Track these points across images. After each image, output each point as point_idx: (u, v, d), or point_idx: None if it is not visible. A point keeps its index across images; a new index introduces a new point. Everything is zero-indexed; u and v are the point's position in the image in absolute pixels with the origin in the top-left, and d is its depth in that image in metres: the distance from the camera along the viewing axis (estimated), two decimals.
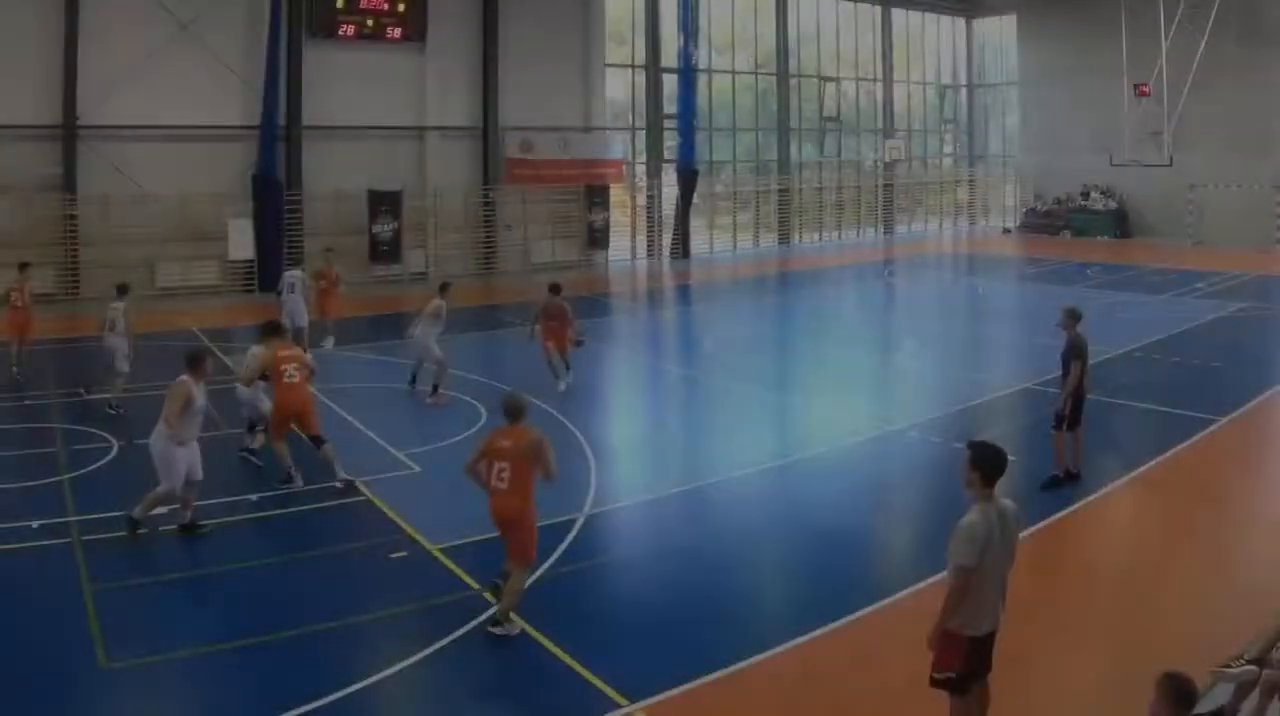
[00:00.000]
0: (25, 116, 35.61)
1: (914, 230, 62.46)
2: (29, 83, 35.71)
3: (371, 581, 13.15)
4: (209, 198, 38.72)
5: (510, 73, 45.28)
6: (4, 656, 10.93)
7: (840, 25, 59.26)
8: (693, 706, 10.05)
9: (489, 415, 20.14)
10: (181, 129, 38.07)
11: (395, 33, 42.63)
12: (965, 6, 63.97)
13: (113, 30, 36.71)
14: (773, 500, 16.13)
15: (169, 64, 37.63)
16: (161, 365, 20.46)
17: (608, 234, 48.91)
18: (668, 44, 50.79)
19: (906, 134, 62.59)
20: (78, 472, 16.96)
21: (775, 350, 29.55)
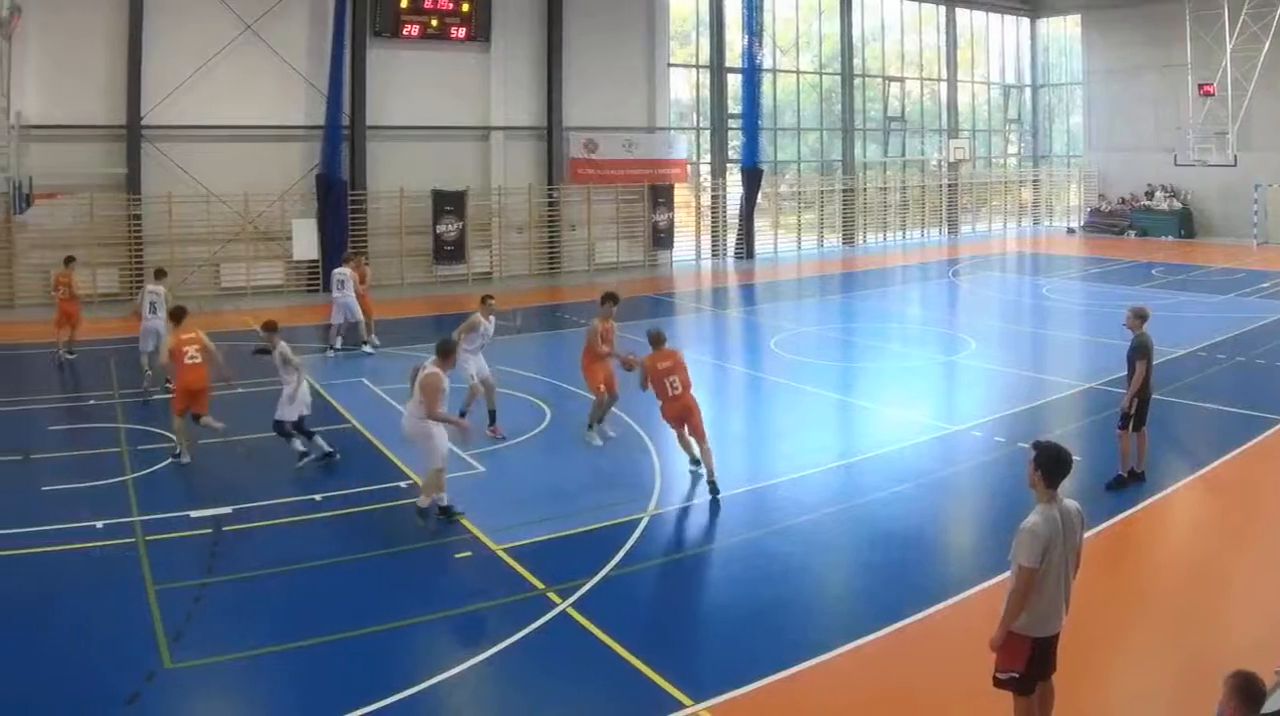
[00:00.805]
0: (90, 117, 34.60)
1: (978, 230, 60.23)
2: (94, 83, 34.78)
3: (436, 582, 12.92)
4: (273, 198, 37.65)
5: (574, 73, 43.86)
6: (72, 656, 10.72)
7: (904, 25, 57.32)
8: (757, 706, 9.82)
9: (553, 414, 19.97)
10: (245, 129, 36.98)
11: (460, 32, 41.25)
12: (1029, 6, 61.59)
13: (177, 31, 35.72)
14: (836, 500, 15.58)
15: (233, 64, 36.62)
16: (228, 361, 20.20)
17: (672, 234, 47.36)
18: (732, 44, 49.27)
19: (971, 134, 60.31)
20: (141, 473, 16.59)
21: (839, 350, 28.46)
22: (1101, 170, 59.26)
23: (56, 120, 33.38)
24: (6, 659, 10.68)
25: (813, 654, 10.62)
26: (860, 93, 55.34)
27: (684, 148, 48.15)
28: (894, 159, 58.11)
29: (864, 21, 54.91)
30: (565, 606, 11.66)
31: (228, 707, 10.38)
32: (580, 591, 12.11)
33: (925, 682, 10.28)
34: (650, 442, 18.37)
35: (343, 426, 19.67)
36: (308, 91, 38.20)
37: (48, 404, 21.61)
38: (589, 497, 15.47)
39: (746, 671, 10.21)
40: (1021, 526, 8.19)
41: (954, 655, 10.59)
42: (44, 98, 33.33)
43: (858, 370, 25.58)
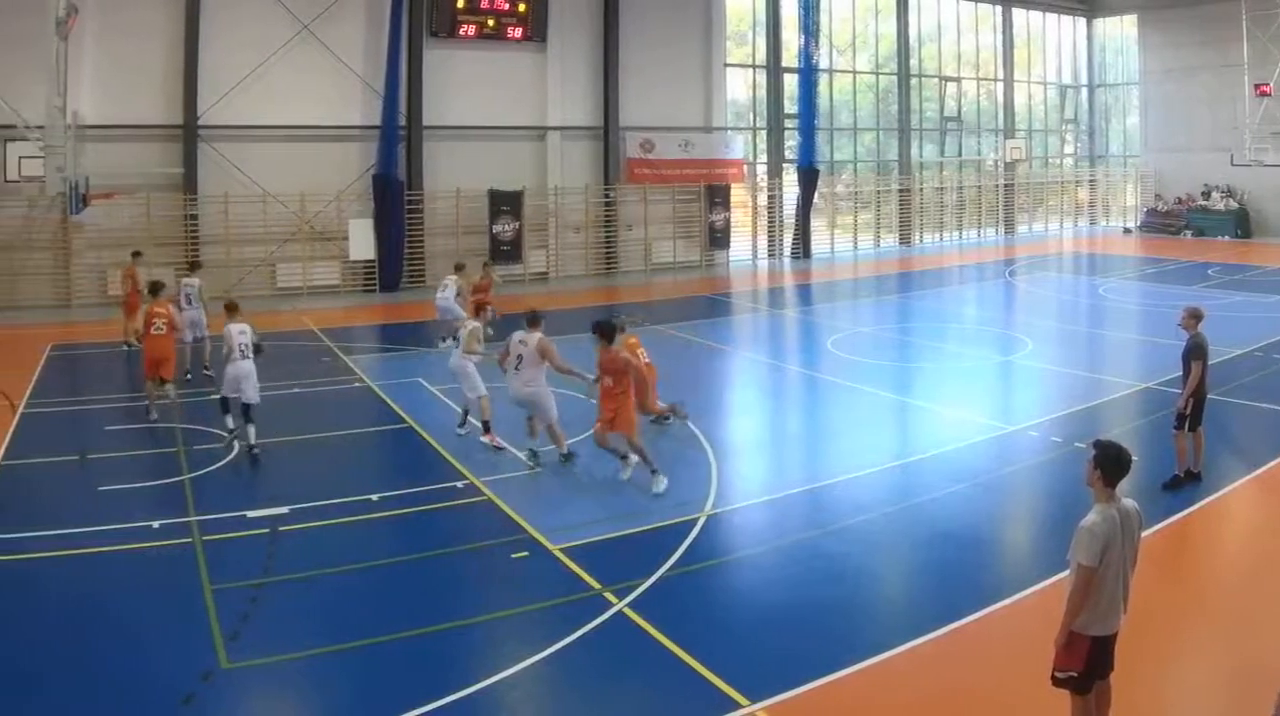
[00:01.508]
0: (146, 117, 33.59)
1: (1035, 230, 58.34)
2: (150, 83, 33.78)
3: (493, 581, 12.58)
4: (329, 198, 36.43)
5: (631, 73, 42.33)
6: (128, 657, 10.45)
7: (961, 25, 55.30)
8: (813, 707, 9.50)
9: None
10: (301, 129, 35.84)
11: (516, 32, 39.90)
12: (1085, 6, 59.46)
13: (233, 31, 34.66)
14: (893, 500, 15.02)
15: (289, 64, 35.52)
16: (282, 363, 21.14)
17: (728, 234, 45.72)
18: (789, 44, 47.59)
19: (1027, 134, 58.38)
20: (198, 473, 16.22)
21: (896, 350, 27.32)
22: (1158, 170, 57.41)
23: (113, 120, 32.24)
24: (64, 659, 10.37)
25: (869, 654, 10.30)
26: (917, 93, 53.59)
27: (740, 148, 46.48)
28: (950, 159, 56.23)
29: (920, 21, 53.22)
30: (622, 606, 11.35)
31: (284, 708, 10.10)
32: (637, 591, 11.75)
33: (983, 682, 9.99)
34: (707, 443, 17.74)
35: (399, 426, 19.10)
36: (364, 91, 36.98)
37: (105, 403, 20.87)
38: (646, 498, 14.95)
39: (803, 672, 9.90)
40: (1081, 525, 7.98)
41: (1011, 655, 10.33)
42: (100, 98, 32.23)
43: (914, 370, 24.68)
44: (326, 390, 21.74)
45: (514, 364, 15.98)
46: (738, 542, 13.71)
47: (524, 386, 15.91)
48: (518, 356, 15.91)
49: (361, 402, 21.15)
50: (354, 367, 24.17)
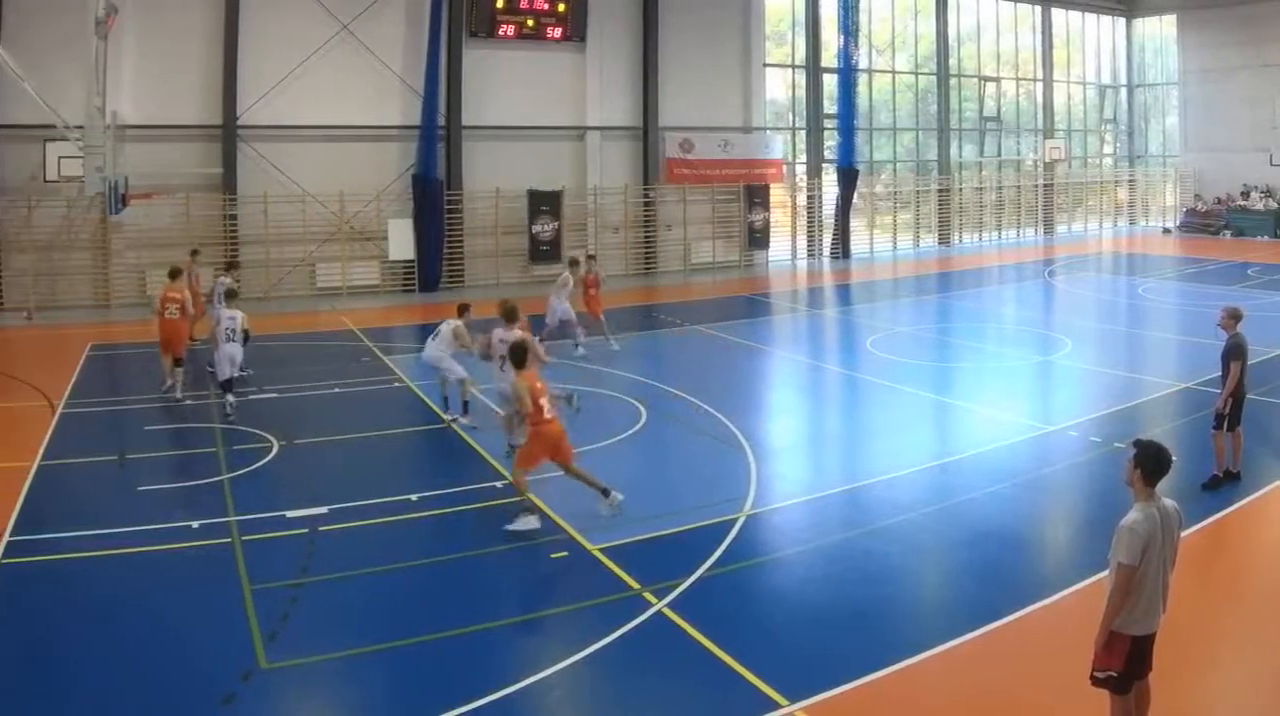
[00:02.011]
0: (186, 117, 32.74)
1: (1074, 230, 56.81)
2: (190, 83, 32.92)
3: (532, 581, 12.50)
4: (368, 198, 35.47)
5: (670, 73, 41.12)
6: (168, 657, 10.24)
7: (1000, 25, 53.66)
8: (853, 707, 9.32)
9: (649, 415, 19.11)
10: (341, 129, 34.92)
11: (555, 32, 38.80)
12: (1124, 6, 57.68)
13: (273, 31, 33.76)
14: (932, 500, 14.66)
15: (329, 64, 34.57)
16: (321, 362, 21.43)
17: (768, 234, 44.45)
18: (828, 44, 46.36)
19: (1066, 134, 56.57)
20: (237, 472, 15.93)
21: (935, 350, 26.60)
22: (1197, 170, 55.78)
23: (152, 120, 31.43)
24: (105, 659, 10.15)
25: (909, 654, 10.07)
26: (956, 92, 51.99)
27: (780, 148, 45.23)
28: (989, 159, 54.59)
29: (960, 21, 51.55)
30: (661, 606, 11.13)
31: (323, 708, 9.91)
32: (676, 591, 11.50)
33: (1022, 682, 9.77)
34: (746, 443, 17.30)
35: (438, 426, 18.65)
36: (404, 91, 35.96)
37: (144, 403, 20.32)
38: (685, 498, 14.75)
39: (842, 671, 9.70)
40: (1121, 524, 7.81)
41: (1051, 654, 10.07)
42: (140, 97, 31.38)
43: (954, 370, 24.07)
44: (366, 390, 21.29)
45: (499, 363, 15.61)
46: (777, 542, 13.40)
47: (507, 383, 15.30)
48: (501, 356, 15.45)
49: (401, 402, 20.75)
50: (393, 367, 23.68)
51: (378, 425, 18.30)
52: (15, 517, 13.85)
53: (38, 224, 31.35)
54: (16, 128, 29.86)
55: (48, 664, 10.08)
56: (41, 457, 16.68)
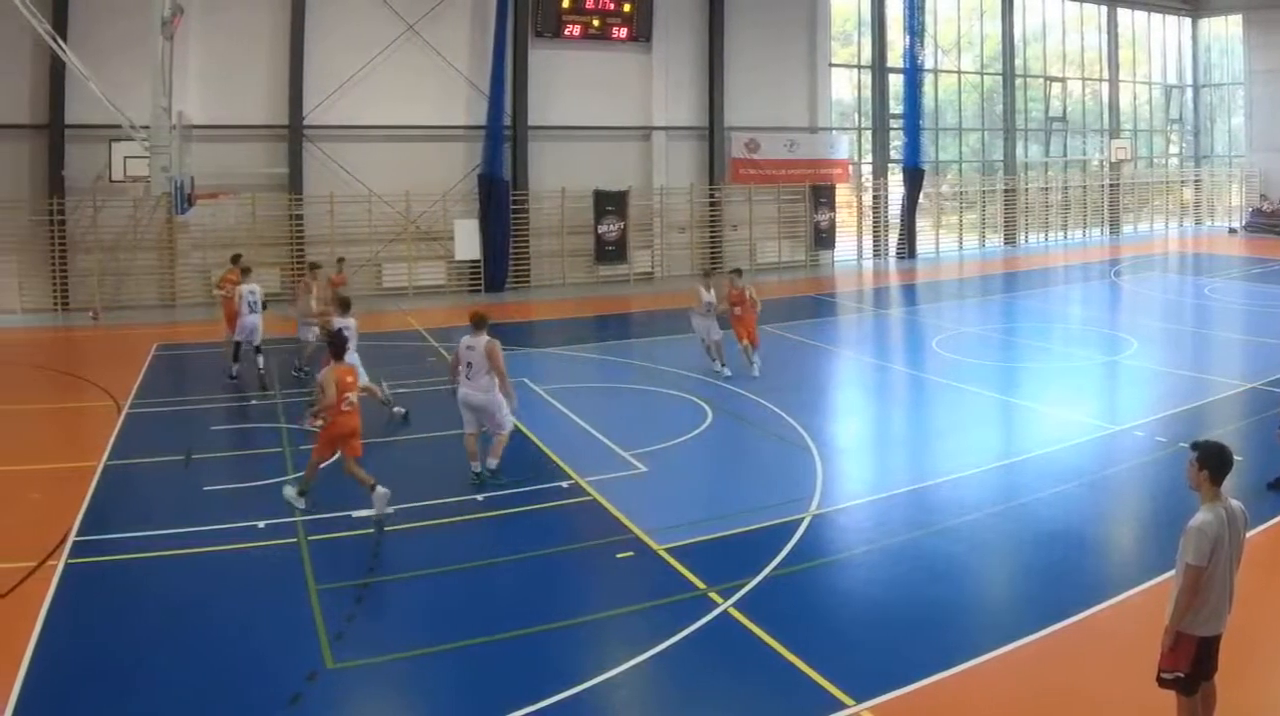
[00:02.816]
0: (252, 117, 31.21)
1: (1140, 230, 54.10)
2: (256, 83, 31.42)
3: (598, 582, 11.82)
4: (434, 198, 33.75)
5: (736, 73, 39.02)
6: (234, 657, 9.79)
7: (1066, 25, 51.00)
8: (919, 707, 8.80)
9: (714, 415, 18.21)
10: (406, 129, 33.23)
11: (621, 32, 36.90)
12: (1190, 6, 54.63)
13: (338, 31, 32.19)
14: (998, 500, 14.04)
15: (394, 64, 32.93)
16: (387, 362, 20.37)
17: (834, 234, 42.28)
18: (894, 44, 44.05)
19: (1132, 134, 53.77)
20: (302, 472, 14.37)
21: (1001, 350, 25.30)
22: (1263, 170, 52.84)
23: (218, 120, 29.95)
24: (171, 659, 9.72)
25: (975, 654, 9.65)
26: (1022, 93, 49.32)
27: (845, 148, 42.90)
28: (1055, 159, 51.85)
29: (1025, 21, 48.92)
30: (727, 606, 10.65)
31: (389, 708, 9.48)
32: (742, 591, 10.97)
33: (1088, 682, 9.26)
34: (812, 443, 16.52)
35: None
36: (469, 91, 34.19)
37: (209, 403, 19.46)
38: (750, 498, 14.05)
39: (908, 671, 9.26)
40: (1189, 525, 7.44)
41: (1117, 655, 9.64)
42: (206, 97, 29.93)
43: (1019, 370, 22.92)
44: (431, 390, 20.31)
45: (464, 371, 14.40)
46: (843, 542, 12.80)
47: (480, 392, 14.36)
48: (467, 363, 14.35)
49: None
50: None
51: (443, 425, 17.13)
52: (81, 518, 13.23)
53: (104, 224, 30.01)
54: (83, 128, 28.47)
55: (114, 664, 9.65)
56: (107, 457, 15.93)
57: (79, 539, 12.55)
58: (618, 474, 15.00)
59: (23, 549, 12.10)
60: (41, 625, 10.27)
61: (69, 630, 10.28)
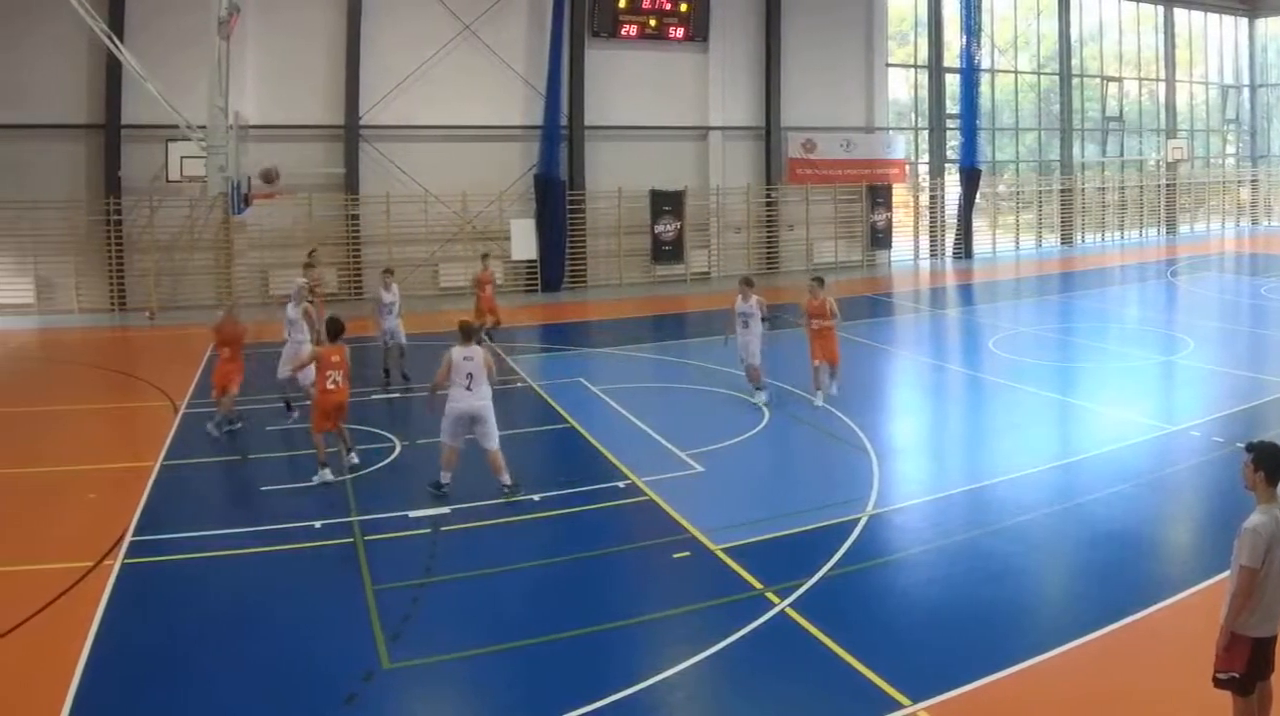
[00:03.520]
0: (308, 117, 29.74)
1: (1196, 230, 51.54)
2: (312, 84, 29.99)
3: (654, 581, 11.31)
4: (490, 198, 32.07)
5: (792, 72, 36.99)
6: (291, 656, 9.35)
7: (1122, 25, 48.45)
8: (975, 707, 8.34)
9: (771, 415, 17.39)
10: (463, 129, 31.62)
11: (678, 32, 35.03)
12: (1247, 6, 51.70)
13: (395, 31, 30.66)
14: (1054, 500, 13.35)
15: (451, 64, 31.34)
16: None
17: (890, 234, 40.17)
18: (950, 44, 41.75)
19: (1189, 134, 51.06)
20: (360, 473, 14.57)
21: (1057, 350, 24.10)
22: None
23: (274, 120, 28.44)
24: (227, 659, 9.32)
25: (1031, 654, 9.19)
26: (1078, 92, 46.85)
27: (902, 148, 40.76)
28: (1112, 159, 49.24)
29: (1082, 21, 46.52)
30: (783, 606, 10.23)
31: (445, 708, 9.04)
32: (798, 591, 10.53)
33: (1144, 682, 8.81)
34: (868, 442, 15.76)
35: (560, 426, 17.20)
36: (525, 92, 32.51)
37: (266, 404, 18.34)
38: (807, 497, 13.51)
39: (964, 671, 8.81)
40: (1244, 526, 7.01)
41: (1173, 655, 9.15)
42: (262, 98, 28.55)
43: (1075, 370, 21.87)
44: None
45: (465, 382, 13.51)
46: (899, 542, 12.28)
47: (482, 401, 13.56)
48: (467, 374, 13.49)
49: (523, 403, 19.03)
50: (516, 368, 21.78)
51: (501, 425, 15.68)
52: (138, 517, 12.70)
53: (160, 224, 28.67)
54: (139, 128, 27.24)
55: (170, 663, 9.26)
56: (164, 457, 15.29)
57: (135, 539, 12.02)
58: (674, 474, 14.33)
59: (80, 549, 11.60)
60: (98, 625, 9.81)
61: (125, 630, 9.83)
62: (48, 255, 28.30)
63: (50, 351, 24.28)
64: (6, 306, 28.14)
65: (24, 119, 27.51)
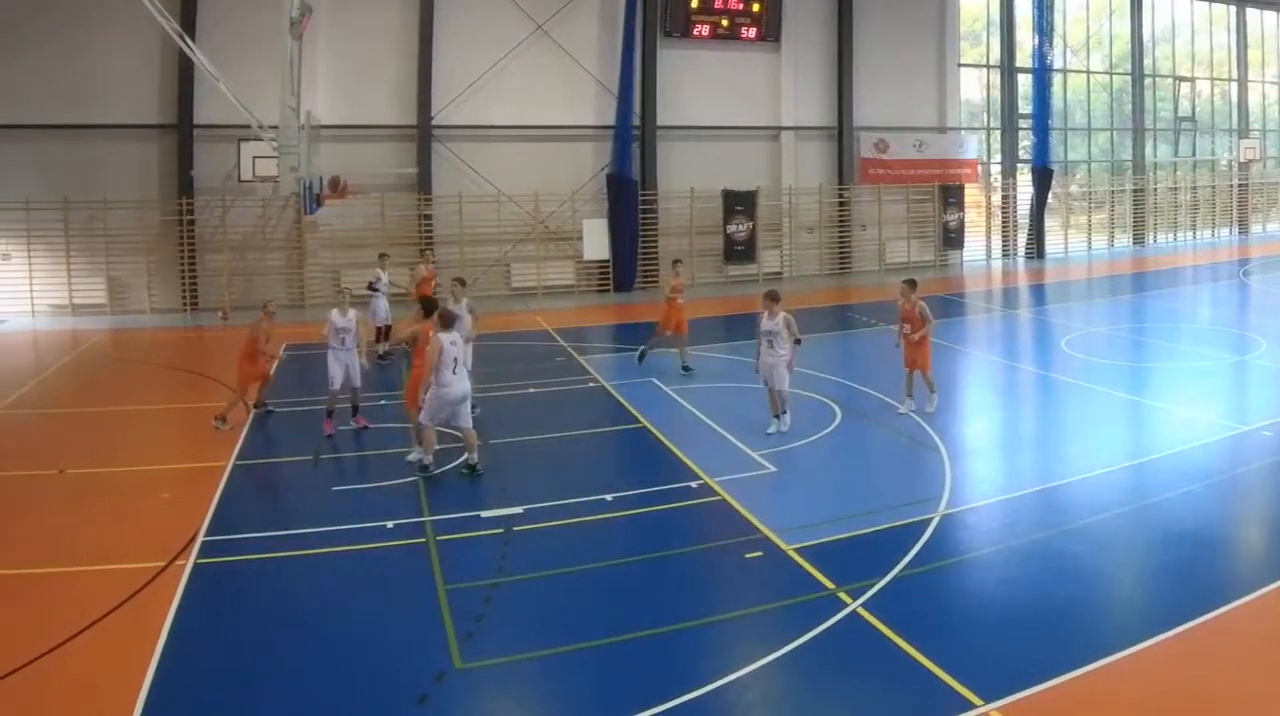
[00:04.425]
0: (380, 117, 27.80)
1: (1269, 230, 48.25)
2: (384, 83, 28.01)
3: (727, 582, 10.42)
4: (563, 198, 29.97)
5: (865, 72, 34.39)
6: (363, 656, 8.66)
7: (1195, 25, 45.12)
8: (1048, 707, 7.81)
9: (843, 415, 16.36)
10: (535, 129, 29.46)
11: (750, 32, 32.68)
12: None
13: (467, 31, 28.63)
14: (1127, 500, 12.36)
15: (523, 64, 29.20)
16: (516, 362, 19.69)
17: (963, 234, 37.39)
18: (1023, 44, 38.90)
19: (1261, 134, 47.57)
20: (432, 472, 13.57)
21: (1129, 350, 22.59)
22: None
23: (347, 120, 26.64)
24: (299, 659, 8.66)
25: (1104, 654, 8.41)
26: (1151, 92, 43.58)
27: (974, 148, 37.89)
28: (1184, 159, 45.87)
29: (1154, 21, 43.22)
30: (856, 606, 9.44)
31: (517, 708, 8.24)
32: (871, 591, 9.75)
33: (1218, 681, 8.12)
34: (940, 442, 14.78)
35: (633, 426, 16.17)
36: (598, 91, 30.35)
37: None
38: (880, 498, 12.59)
39: (1037, 671, 8.11)
40: None
41: (1247, 655, 8.52)
42: (334, 97, 26.66)
43: (1148, 370, 20.58)
44: (560, 390, 18.88)
45: (451, 366, 13.18)
46: (972, 542, 11.40)
47: (468, 383, 13.49)
48: (454, 358, 13.17)
49: (596, 402, 18.15)
50: (588, 368, 20.66)
51: (572, 425, 16.03)
52: (210, 517, 12.06)
53: (232, 224, 26.87)
54: (211, 127, 25.46)
55: (242, 663, 8.68)
56: (236, 457, 14.48)
57: (208, 539, 11.43)
58: (747, 473, 13.55)
59: (152, 548, 11.01)
60: (170, 624, 9.27)
61: (197, 629, 9.29)
62: (120, 255, 26.66)
63: (123, 351, 22.81)
64: (80, 307, 26.54)
65: (97, 119, 25.88)
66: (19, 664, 8.42)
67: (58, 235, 26.39)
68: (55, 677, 8.33)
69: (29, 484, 13.45)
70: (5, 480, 13.61)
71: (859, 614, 9.48)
